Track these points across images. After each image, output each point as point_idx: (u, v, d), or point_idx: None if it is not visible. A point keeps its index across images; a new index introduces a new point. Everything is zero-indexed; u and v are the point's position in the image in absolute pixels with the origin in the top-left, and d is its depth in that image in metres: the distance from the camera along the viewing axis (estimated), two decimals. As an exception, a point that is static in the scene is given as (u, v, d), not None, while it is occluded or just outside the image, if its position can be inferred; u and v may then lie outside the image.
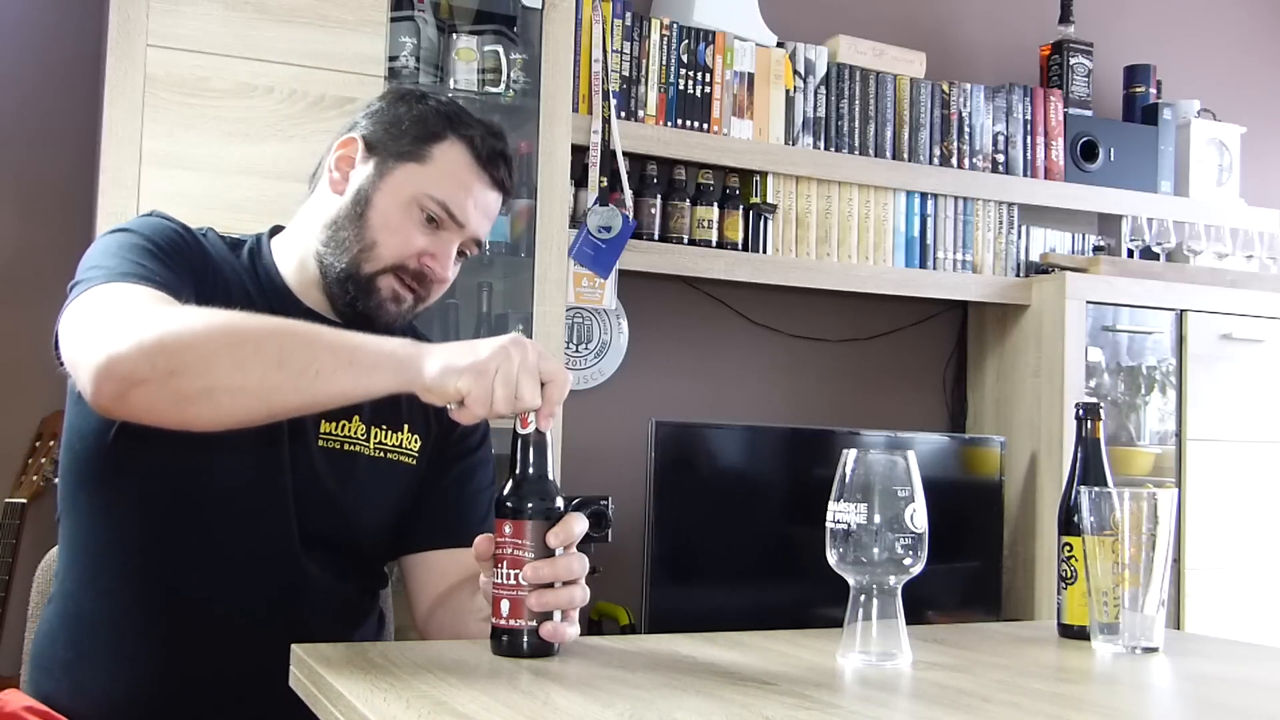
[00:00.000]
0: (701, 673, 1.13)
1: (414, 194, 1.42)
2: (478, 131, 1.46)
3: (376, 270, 1.42)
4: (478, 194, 1.45)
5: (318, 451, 1.41)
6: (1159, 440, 3.26)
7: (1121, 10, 3.77)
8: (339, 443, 1.42)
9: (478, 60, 2.63)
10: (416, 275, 1.43)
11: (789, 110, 3.08)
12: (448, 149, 1.44)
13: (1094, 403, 1.47)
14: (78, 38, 2.61)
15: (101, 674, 1.36)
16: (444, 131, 1.44)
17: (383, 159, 1.44)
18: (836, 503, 1.17)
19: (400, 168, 1.43)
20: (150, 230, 1.36)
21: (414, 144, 1.44)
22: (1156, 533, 1.30)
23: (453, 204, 1.42)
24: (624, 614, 2.74)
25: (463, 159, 1.44)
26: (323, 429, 1.41)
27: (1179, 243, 3.41)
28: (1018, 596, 3.16)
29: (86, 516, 1.39)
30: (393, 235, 1.42)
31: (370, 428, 1.45)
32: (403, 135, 1.44)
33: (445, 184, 1.43)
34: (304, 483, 1.38)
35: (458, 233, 1.44)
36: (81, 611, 1.39)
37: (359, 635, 1.47)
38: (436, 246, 1.43)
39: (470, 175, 1.44)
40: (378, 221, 1.42)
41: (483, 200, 1.46)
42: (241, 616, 1.36)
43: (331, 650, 1.19)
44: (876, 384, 3.37)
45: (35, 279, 2.53)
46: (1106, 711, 1.09)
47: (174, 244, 1.36)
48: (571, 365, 2.95)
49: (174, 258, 1.34)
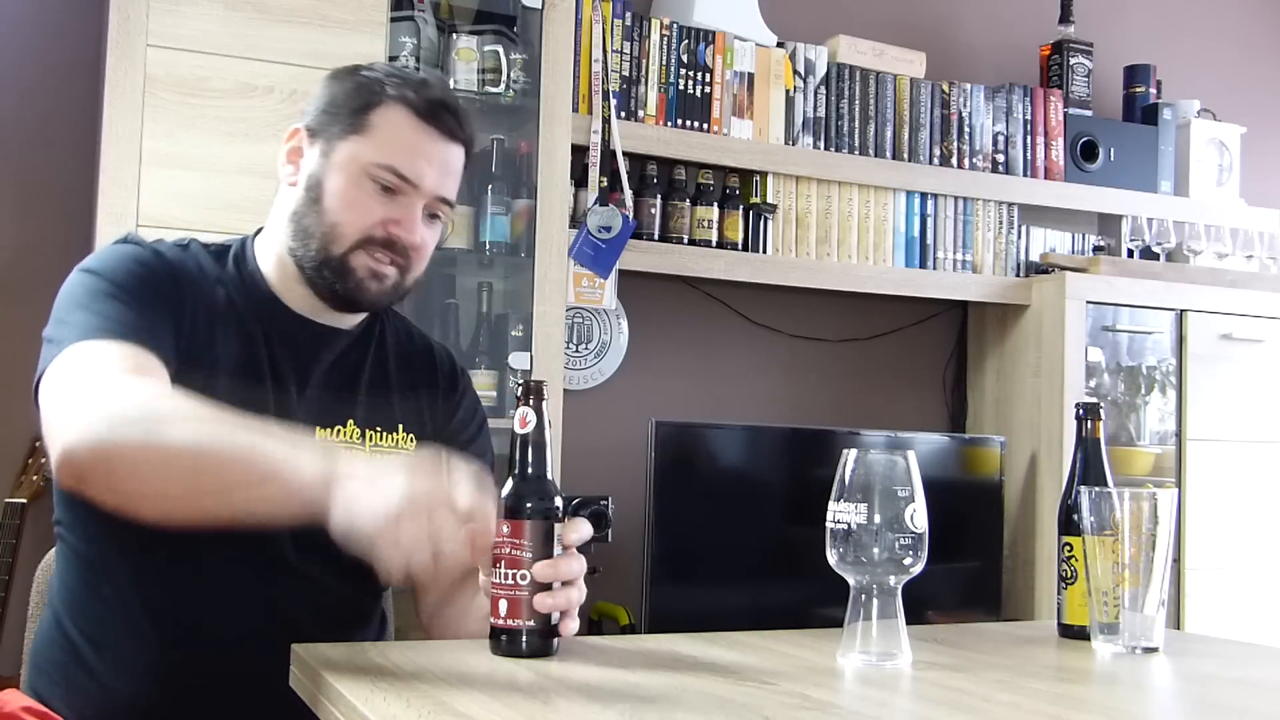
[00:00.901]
0: (701, 673, 1.13)
1: (362, 166, 1.40)
2: (412, 88, 1.42)
3: (345, 249, 1.40)
4: (427, 150, 1.42)
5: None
6: (1159, 440, 3.26)
7: (1121, 10, 3.77)
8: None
9: (478, 60, 2.63)
10: (386, 244, 1.41)
11: (789, 110, 3.08)
12: (385, 113, 1.41)
13: (1094, 403, 1.47)
14: (78, 38, 2.60)
15: (100, 677, 1.36)
16: (377, 98, 1.41)
17: (326, 141, 1.43)
18: (836, 503, 1.17)
19: (343, 144, 1.41)
20: (119, 272, 1.34)
21: (351, 117, 1.41)
22: (1156, 533, 1.30)
23: (401, 166, 1.40)
24: (624, 614, 2.74)
25: (403, 119, 1.41)
26: (318, 435, 1.41)
27: (1179, 243, 3.41)
28: (1018, 596, 3.16)
29: (83, 521, 1.39)
30: (350, 211, 1.40)
31: (365, 430, 1.45)
32: (339, 112, 1.42)
33: (389, 149, 1.40)
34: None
35: (416, 194, 1.41)
36: (80, 614, 1.39)
37: (361, 636, 1.47)
38: (398, 212, 1.41)
39: (414, 133, 1.41)
40: (333, 203, 1.40)
41: (435, 155, 1.42)
42: (240, 620, 1.36)
43: (331, 650, 1.19)
44: (876, 384, 3.37)
45: (35, 279, 2.53)
46: (1106, 711, 1.09)
47: (144, 281, 1.35)
48: (571, 365, 2.95)
49: (144, 298, 1.33)
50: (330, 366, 1.46)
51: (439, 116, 1.42)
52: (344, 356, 1.48)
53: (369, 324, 1.52)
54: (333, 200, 1.40)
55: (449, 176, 1.45)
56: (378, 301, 1.44)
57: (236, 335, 1.40)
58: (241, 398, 1.32)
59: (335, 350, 1.47)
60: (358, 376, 1.48)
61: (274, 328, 1.43)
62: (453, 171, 1.45)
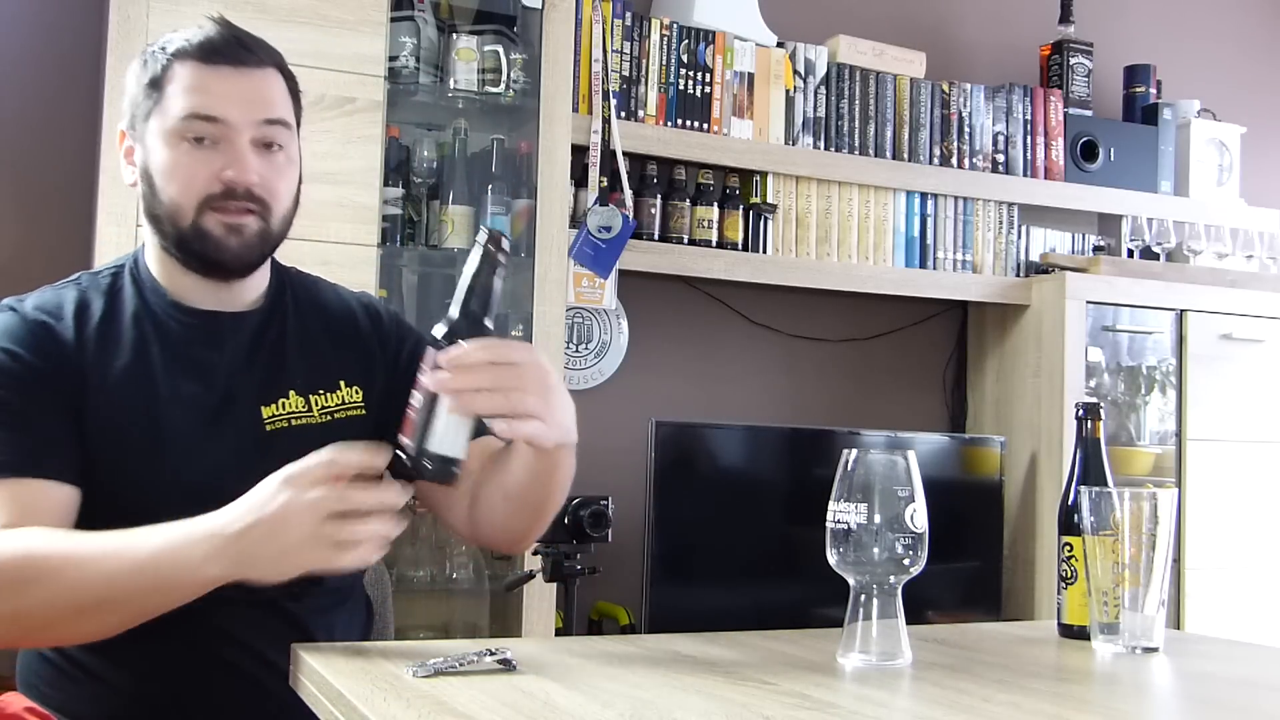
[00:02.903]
0: (701, 673, 1.13)
1: (168, 131, 1.35)
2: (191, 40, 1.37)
3: (191, 218, 1.36)
4: (222, 87, 1.35)
5: (266, 437, 1.39)
6: (1159, 440, 3.26)
7: (1121, 10, 3.77)
8: (284, 421, 1.41)
9: (478, 60, 2.63)
10: (227, 195, 1.35)
11: (789, 110, 3.08)
12: (171, 75, 1.36)
13: (1094, 403, 1.47)
14: (78, 38, 2.61)
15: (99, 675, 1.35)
16: (161, 66, 1.37)
17: (140, 130, 1.40)
18: (836, 503, 1.17)
19: (149, 123, 1.38)
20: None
21: (148, 96, 1.37)
22: (1156, 533, 1.30)
23: (195, 109, 1.34)
24: (624, 614, 2.74)
25: (187, 71, 1.36)
26: (265, 414, 1.40)
27: (1179, 243, 3.41)
28: (1018, 596, 3.16)
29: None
30: (177, 179, 1.35)
31: (308, 396, 1.43)
32: (138, 96, 1.39)
33: (184, 101, 1.35)
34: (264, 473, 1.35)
35: (231, 130, 1.35)
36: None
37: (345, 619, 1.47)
38: (221, 159, 1.35)
39: (203, 77, 1.35)
40: (162, 180, 1.37)
41: (234, 86, 1.35)
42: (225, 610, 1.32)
43: (332, 650, 1.19)
44: (876, 384, 3.37)
45: (35, 279, 2.52)
46: (1106, 711, 1.09)
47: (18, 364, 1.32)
48: (571, 365, 2.95)
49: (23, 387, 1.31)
50: (250, 347, 1.43)
51: (224, 51, 1.36)
52: (259, 334, 1.45)
53: (275, 297, 1.48)
54: (160, 178, 1.37)
55: (262, 101, 1.37)
56: (249, 254, 1.39)
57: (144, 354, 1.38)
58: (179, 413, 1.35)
59: (247, 332, 1.44)
60: (282, 348, 1.45)
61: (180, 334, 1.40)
62: (265, 96, 1.38)
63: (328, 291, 1.56)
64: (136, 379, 1.37)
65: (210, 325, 1.42)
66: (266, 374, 1.43)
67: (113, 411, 1.34)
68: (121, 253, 2.15)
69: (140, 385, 1.36)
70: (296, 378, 1.43)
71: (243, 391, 1.41)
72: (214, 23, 1.39)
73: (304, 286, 1.54)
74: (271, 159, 1.39)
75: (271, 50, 1.42)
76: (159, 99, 1.36)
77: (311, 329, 1.49)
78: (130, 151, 1.42)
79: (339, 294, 1.57)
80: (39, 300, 1.40)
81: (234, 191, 1.35)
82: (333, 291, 1.57)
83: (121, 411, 1.35)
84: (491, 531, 1.47)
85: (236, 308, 1.44)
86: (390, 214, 2.53)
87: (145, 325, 1.40)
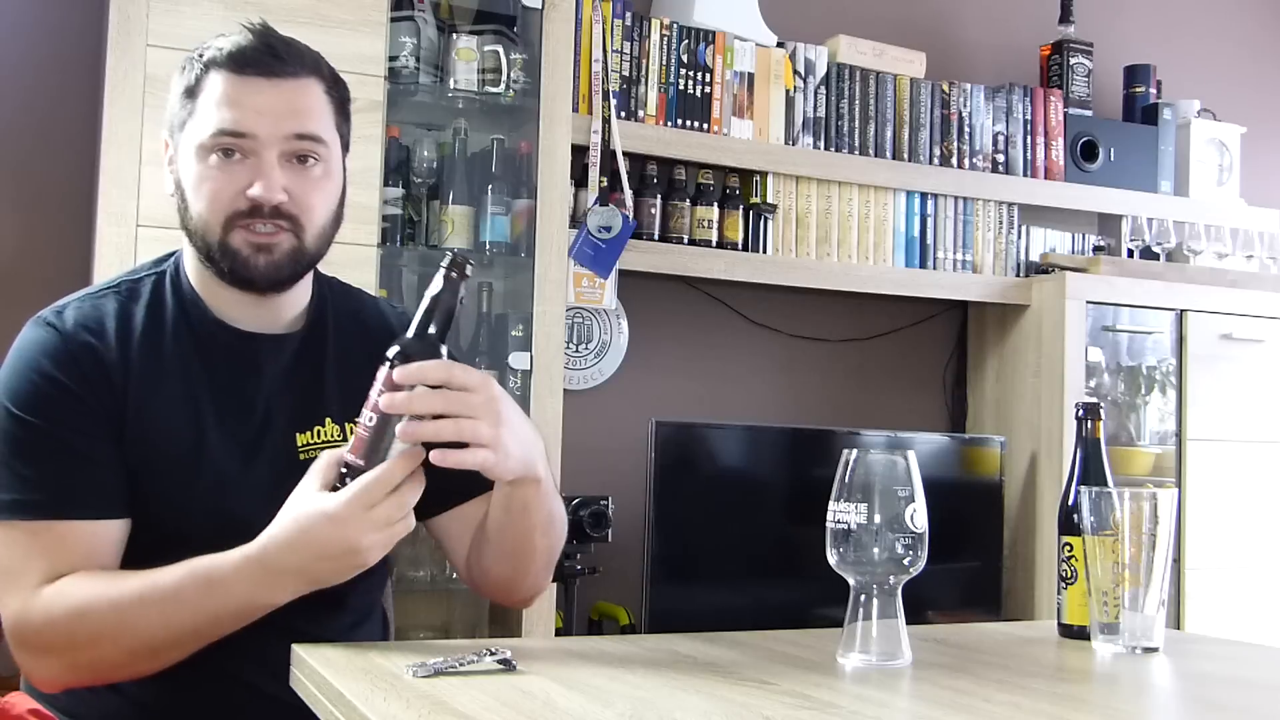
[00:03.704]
0: (701, 673, 1.13)
1: (197, 146, 1.32)
2: (222, 47, 1.33)
3: (219, 235, 1.32)
4: (252, 99, 1.31)
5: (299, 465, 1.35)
6: (1159, 440, 3.26)
7: (1121, 10, 3.77)
8: (318, 450, 1.36)
9: (478, 60, 2.63)
10: (253, 212, 1.31)
11: (789, 110, 3.08)
12: (205, 85, 1.32)
13: (1094, 403, 1.47)
14: (78, 38, 2.61)
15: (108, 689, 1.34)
16: (199, 77, 1.33)
17: (176, 139, 1.37)
18: (836, 503, 1.17)
19: (182, 135, 1.34)
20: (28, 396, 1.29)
21: (183, 105, 1.34)
22: (1156, 533, 1.30)
23: (226, 125, 1.30)
24: (624, 614, 2.74)
25: (219, 82, 1.32)
26: (299, 442, 1.38)
27: (1179, 243, 3.41)
28: (1018, 596, 3.16)
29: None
30: (204, 194, 1.32)
31: (344, 424, 1.41)
32: (177, 105, 1.36)
33: (214, 115, 1.31)
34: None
35: (260, 145, 1.31)
36: None
37: (363, 635, 1.46)
38: (249, 174, 1.31)
39: (233, 89, 1.31)
40: (191, 195, 1.34)
41: (265, 98, 1.31)
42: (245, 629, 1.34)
43: (331, 650, 1.19)
44: (876, 384, 3.36)
45: (35, 279, 2.53)
46: (1106, 711, 1.09)
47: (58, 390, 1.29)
48: (571, 365, 2.95)
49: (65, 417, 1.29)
50: (288, 372, 1.41)
51: (255, 61, 1.32)
52: (298, 359, 1.42)
53: (315, 317, 1.45)
54: (190, 193, 1.34)
55: (293, 114, 1.33)
56: (278, 273, 1.35)
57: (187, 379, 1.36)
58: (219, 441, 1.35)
59: (286, 355, 1.41)
60: (320, 374, 1.43)
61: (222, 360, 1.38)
62: (297, 108, 1.33)
63: (370, 309, 1.53)
64: (179, 407, 1.34)
65: (250, 348, 1.39)
66: (303, 400, 1.40)
67: (155, 438, 1.32)
68: (121, 253, 2.18)
69: (183, 414, 1.34)
70: (333, 404, 1.41)
71: (279, 417, 1.39)
72: (249, 30, 1.35)
73: (346, 304, 1.50)
74: (305, 173, 1.35)
75: (311, 57, 1.38)
76: (193, 109, 1.33)
77: (351, 353, 1.44)
78: (171, 160, 1.39)
79: (381, 312, 1.53)
80: (79, 315, 1.35)
81: (260, 209, 1.32)
82: (375, 309, 1.53)
83: (164, 438, 1.32)
84: (483, 580, 1.45)
85: (276, 329, 1.41)
86: (390, 214, 2.53)
87: (186, 345, 1.37)
